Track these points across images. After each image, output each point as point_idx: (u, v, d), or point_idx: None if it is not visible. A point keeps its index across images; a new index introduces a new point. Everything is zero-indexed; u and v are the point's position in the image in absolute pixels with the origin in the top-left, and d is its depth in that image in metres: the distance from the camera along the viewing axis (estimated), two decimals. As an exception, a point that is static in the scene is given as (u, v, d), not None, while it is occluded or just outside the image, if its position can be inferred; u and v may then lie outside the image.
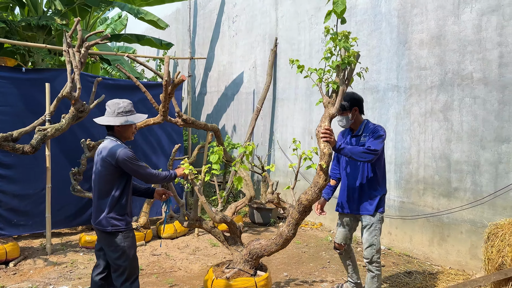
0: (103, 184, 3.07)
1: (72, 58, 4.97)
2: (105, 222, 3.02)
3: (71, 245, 5.47)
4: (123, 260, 3.03)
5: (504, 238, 3.66)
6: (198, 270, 4.71)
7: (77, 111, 5.02)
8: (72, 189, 5.20)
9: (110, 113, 3.12)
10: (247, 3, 8.34)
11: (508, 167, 4.40)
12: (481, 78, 4.61)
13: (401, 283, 4.38)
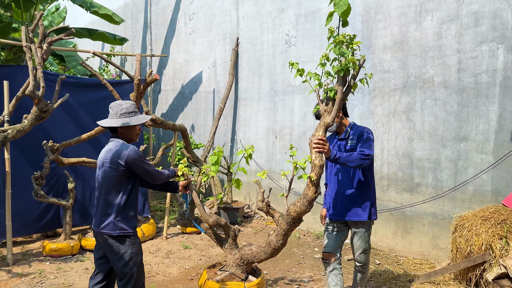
0: (110, 187, 2.93)
1: (34, 54, 4.66)
2: (112, 227, 2.89)
3: (33, 254, 5.12)
4: (130, 267, 2.91)
5: (471, 228, 4.02)
6: (177, 274, 4.64)
7: (40, 111, 4.72)
8: (35, 194, 4.86)
9: (113, 114, 3.00)
10: (205, 1, 8.27)
11: (466, 164, 4.82)
12: (441, 81, 4.99)
13: (374, 275, 4.63)
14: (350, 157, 3.23)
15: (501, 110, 4.54)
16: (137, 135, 3.17)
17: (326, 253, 3.50)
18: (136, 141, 3.21)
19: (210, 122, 8.19)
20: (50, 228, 5.93)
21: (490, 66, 4.60)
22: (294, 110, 6.68)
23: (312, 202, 3.14)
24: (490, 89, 4.61)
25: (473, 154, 4.76)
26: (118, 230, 2.90)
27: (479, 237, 3.93)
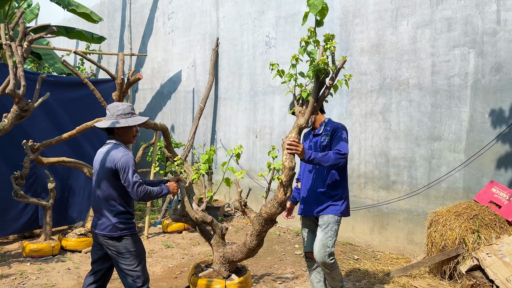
0: (107, 190, 2.95)
1: (14, 52, 4.60)
2: (113, 228, 2.92)
3: (12, 255, 5.04)
4: (135, 265, 2.93)
5: (445, 224, 4.24)
6: (161, 272, 4.68)
7: (21, 110, 4.66)
8: (15, 194, 4.79)
9: (110, 116, 3.03)
10: (185, 1, 8.28)
11: (439, 162, 5.06)
12: (416, 83, 5.22)
13: (353, 269, 4.81)
14: (325, 157, 3.21)
15: (472, 111, 4.80)
16: (134, 137, 3.19)
17: (307, 253, 3.56)
18: (133, 143, 3.24)
19: (190, 122, 8.21)
20: (28, 229, 5.84)
21: (462, 69, 4.85)
22: (274, 110, 6.80)
23: (282, 203, 3.13)
24: (462, 91, 4.86)
25: (446, 153, 5.01)
26: (119, 231, 2.92)
27: (453, 232, 4.15)
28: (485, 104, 4.72)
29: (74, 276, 4.45)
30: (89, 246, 5.26)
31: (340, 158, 3.25)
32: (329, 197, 3.45)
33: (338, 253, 5.37)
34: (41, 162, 5.20)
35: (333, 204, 3.44)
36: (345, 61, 3.18)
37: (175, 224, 6.13)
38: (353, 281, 4.46)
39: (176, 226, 6.13)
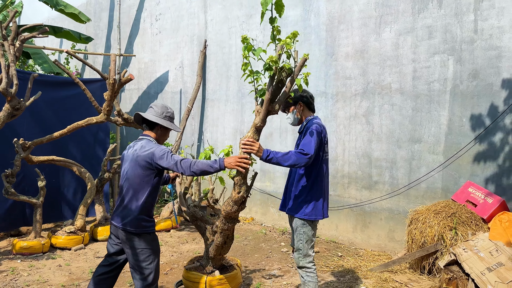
0: (139, 185, 3.02)
1: (7, 51, 4.64)
2: (135, 223, 3.00)
3: (1, 253, 5.05)
4: (149, 262, 3.03)
5: (425, 221, 4.48)
6: (152, 268, 4.77)
7: (13, 109, 4.70)
8: (5, 192, 4.82)
9: (158, 113, 3.13)
10: (173, 3, 8.38)
11: (419, 163, 5.31)
12: (398, 88, 5.46)
13: (337, 265, 5.00)
14: (285, 156, 3.15)
15: (451, 115, 5.06)
16: (165, 140, 3.33)
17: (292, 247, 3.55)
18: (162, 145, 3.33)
19: (177, 122, 8.30)
20: (14, 227, 5.85)
21: (442, 75, 5.11)
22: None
23: (238, 202, 3.17)
24: (441, 96, 5.12)
25: (426, 155, 5.26)
26: (141, 228, 3.02)
27: (432, 229, 4.38)
28: (462, 108, 4.98)
29: (65, 272, 4.51)
30: (78, 244, 5.32)
31: (301, 158, 3.16)
32: (295, 198, 3.44)
33: (323, 250, 5.57)
34: (31, 161, 5.24)
35: (298, 206, 3.41)
36: (306, 59, 3.04)
37: (163, 223, 6.22)
38: (337, 276, 4.66)
39: (164, 224, 6.22)
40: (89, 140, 6.87)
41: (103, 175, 5.94)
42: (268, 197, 6.90)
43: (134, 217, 3.01)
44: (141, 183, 3.01)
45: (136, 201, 3.02)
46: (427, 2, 5.20)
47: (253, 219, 7.09)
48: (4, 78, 4.56)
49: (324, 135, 3.43)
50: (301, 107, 3.51)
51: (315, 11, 6.27)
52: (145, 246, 3.03)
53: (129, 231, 3.01)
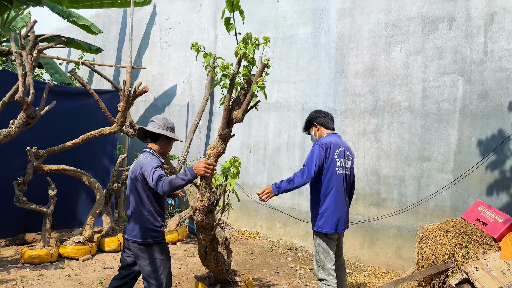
0: (139, 197, 3.09)
1: (25, 61, 4.70)
2: (145, 235, 3.05)
3: (10, 261, 5.03)
4: (160, 273, 3.05)
5: (436, 239, 4.48)
6: (161, 281, 4.75)
7: (28, 117, 4.74)
8: (17, 200, 4.82)
9: (160, 126, 3.20)
10: (183, 18, 8.51)
11: (428, 181, 5.35)
12: (407, 106, 5.54)
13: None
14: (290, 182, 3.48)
15: (460, 134, 5.12)
16: (169, 151, 3.41)
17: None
18: (166, 156, 3.41)
19: (183, 135, 8.35)
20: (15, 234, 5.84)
21: (451, 95, 5.19)
22: (269, 126, 7.02)
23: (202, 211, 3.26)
24: (450, 115, 5.19)
25: (435, 173, 5.30)
26: (149, 238, 3.05)
27: (442, 247, 4.39)
28: (472, 128, 5.05)
29: (75, 282, 4.48)
30: (86, 254, 5.30)
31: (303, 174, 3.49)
32: (311, 210, 3.73)
33: (330, 267, 5.55)
34: (42, 170, 5.25)
35: (313, 219, 3.67)
36: (266, 65, 3.14)
37: (170, 235, 6.20)
38: (347, 293, 4.64)
39: (170, 237, 6.20)
40: (97, 150, 6.89)
41: (111, 185, 5.95)
42: (273, 211, 6.91)
43: (141, 229, 3.06)
44: (141, 195, 3.09)
45: (141, 212, 3.08)
46: (438, 23, 5.32)
47: (258, 234, 7.08)
48: (21, 87, 4.61)
49: (331, 151, 3.63)
50: (317, 128, 3.85)
51: (325, 29, 6.39)
52: (156, 256, 3.07)
53: (139, 243, 3.05)
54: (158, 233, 3.12)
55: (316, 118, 3.88)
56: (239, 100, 3.36)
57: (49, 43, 4.91)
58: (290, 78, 6.78)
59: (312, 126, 3.90)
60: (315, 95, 6.47)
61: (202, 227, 3.39)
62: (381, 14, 5.80)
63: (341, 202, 3.65)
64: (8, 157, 5.57)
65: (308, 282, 4.96)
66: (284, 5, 6.91)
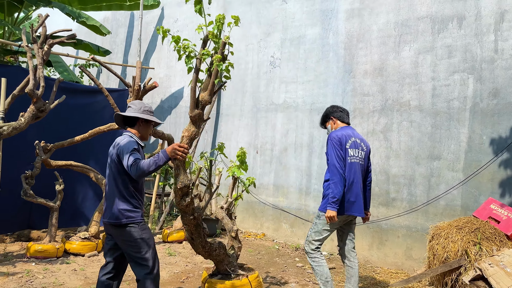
0: (116, 178, 3.08)
1: (36, 54, 4.72)
2: (119, 215, 3.02)
3: (15, 256, 4.98)
4: (145, 251, 3.02)
5: (447, 236, 4.42)
6: (168, 277, 4.69)
7: (38, 110, 4.74)
8: (24, 193, 4.80)
9: (136, 110, 3.18)
10: (191, 21, 8.56)
11: (438, 180, 5.30)
12: (417, 105, 5.51)
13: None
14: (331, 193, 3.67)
15: (471, 132, 5.09)
16: (149, 135, 3.38)
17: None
18: (147, 140, 3.39)
19: (189, 137, 8.32)
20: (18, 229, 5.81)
21: (461, 93, 5.17)
22: (276, 126, 7.00)
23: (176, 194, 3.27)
24: (461, 113, 5.16)
25: (445, 172, 5.25)
26: (125, 219, 3.02)
27: (455, 244, 4.33)
28: (482, 126, 5.01)
29: (81, 277, 4.43)
30: (92, 251, 5.25)
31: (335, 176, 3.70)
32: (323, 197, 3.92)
33: (339, 266, 5.48)
34: (49, 165, 5.23)
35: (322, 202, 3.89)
36: (225, 43, 3.17)
37: (176, 234, 6.15)
38: (357, 291, 4.56)
39: (176, 236, 6.15)
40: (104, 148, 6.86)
41: (118, 183, 5.91)
42: (280, 212, 6.85)
43: (117, 210, 3.03)
44: (116, 176, 3.07)
45: (117, 193, 3.06)
46: (447, 22, 5.32)
47: (265, 235, 7.01)
48: (31, 80, 4.62)
49: (345, 141, 3.83)
50: (334, 121, 4.08)
51: (333, 30, 6.40)
52: (135, 236, 3.02)
53: (115, 224, 3.03)
54: (133, 213, 3.07)
55: (333, 113, 4.10)
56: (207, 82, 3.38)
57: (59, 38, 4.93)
58: (297, 79, 6.78)
59: (329, 120, 4.11)
60: (323, 95, 6.45)
61: (182, 211, 3.40)
62: (390, 14, 5.81)
63: (353, 189, 3.78)
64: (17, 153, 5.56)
65: (317, 281, 4.88)
66: (293, 7, 6.94)
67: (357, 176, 3.81)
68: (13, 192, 5.33)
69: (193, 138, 3.31)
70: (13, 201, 5.51)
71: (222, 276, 3.85)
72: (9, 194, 5.33)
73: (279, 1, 7.12)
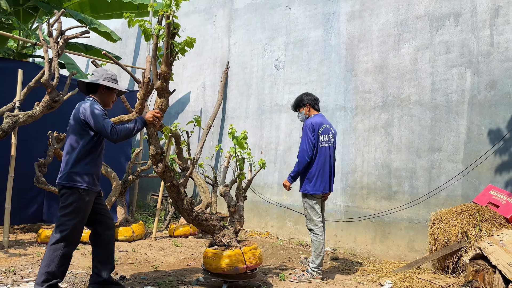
0: (72, 140, 3.21)
1: (52, 47, 4.96)
2: (66, 177, 3.12)
3: (27, 242, 5.12)
4: (69, 218, 3.12)
5: (448, 221, 4.52)
6: (174, 262, 4.80)
7: (52, 100, 4.95)
8: (36, 180, 4.97)
9: (98, 76, 3.38)
10: (198, 29, 8.87)
11: (439, 172, 5.41)
12: (417, 100, 5.68)
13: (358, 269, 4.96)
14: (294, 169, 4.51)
15: (469, 124, 5.23)
16: (112, 102, 3.55)
17: None
18: (110, 108, 3.56)
19: (196, 140, 8.51)
20: (32, 221, 5.95)
21: (460, 86, 5.34)
22: (281, 127, 7.17)
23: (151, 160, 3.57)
24: (459, 106, 5.32)
25: (445, 163, 5.37)
26: (71, 182, 3.12)
27: (455, 227, 4.42)
28: (481, 117, 5.16)
29: (90, 259, 4.54)
30: (100, 240, 5.36)
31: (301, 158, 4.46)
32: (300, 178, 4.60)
33: (342, 258, 5.54)
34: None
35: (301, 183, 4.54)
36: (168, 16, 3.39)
37: (182, 228, 6.26)
38: (359, 275, 4.63)
39: (182, 230, 6.25)
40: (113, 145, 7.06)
41: (127, 177, 6.07)
42: (285, 210, 6.94)
43: (66, 172, 3.15)
44: (74, 139, 3.20)
45: (70, 155, 3.17)
46: (444, 19, 5.54)
47: (269, 234, 7.08)
48: (46, 71, 4.85)
49: (318, 128, 4.45)
50: (309, 108, 4.68)
51: (335, 31, 6.64)
52: (71, 201, 3.11)
53: (61, 185, 3.14)
54: (81, 178, 3.15)
55: (309, 100, 4.69)
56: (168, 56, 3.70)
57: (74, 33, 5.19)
58: (301, 80, 6.99)
59: (304, 106, 4.70)
60: (326, 94, 6.64)
61: (161, 178, 3.65)
62: (389, 14, 6.05)
63: (325, 169, 4.45)
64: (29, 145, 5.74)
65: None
66: (296, 11, 7.22)
67: (327, 158, 4.48)
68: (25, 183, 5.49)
69: (162, 109, 3.59)
70: (25, 193, 5.67)
71: (217, 247, 3.94)
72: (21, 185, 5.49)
73: (283, 6, 7.41)
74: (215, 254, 3.81)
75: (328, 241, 6.33)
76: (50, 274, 3.05)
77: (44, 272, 3.04)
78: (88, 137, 3.21)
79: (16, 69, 5.38)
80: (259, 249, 4.01)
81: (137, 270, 4.23)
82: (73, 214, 3.12)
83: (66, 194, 3.13)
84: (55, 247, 3.07)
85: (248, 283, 4.02)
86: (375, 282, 4.34)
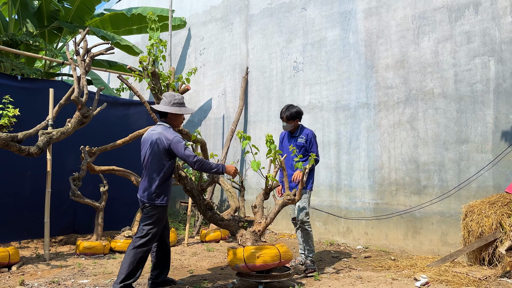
0: (157, 163, 3.61)
1: (79, 65, 5.16)
2: (151, 196, 3.61)
3: (66, 254, 5.32)
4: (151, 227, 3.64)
5: (481, 212, 4.47)
6: (208, 266, 4.89)
7: (82, 116, 5.14)
8: (72, 194, 5.16)
9: (167, 102, 3.61)
10: (216, 37, 9.01)
11: (468, 163, 5.34)
12: (440, 92, 5.63)
13: (391, 265, 4.94)
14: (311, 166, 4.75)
15: (496, 113, 5.15)
16: (180, 123, 3.90)
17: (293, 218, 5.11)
18: (179, 128, 3.87)
19: (220, 146, 8.63)
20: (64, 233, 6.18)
21: (484, 76, 5.27)
22: (304, 128, 7.20)
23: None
24: (485, 95, 5.25)
25: (474, 154, 5.30)
26: (155, 200, 3.64)
27: (489, 218, 4.37)
28: (508, 105, 5.08)
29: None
30: (135, 249, 5.51)
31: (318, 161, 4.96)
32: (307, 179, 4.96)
33: (374, 256, 5.53)
34: (93, 170, 5.59)
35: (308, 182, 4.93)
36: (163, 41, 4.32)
37: (213, 234, 6.36)
38: (393, 272, 4.62)
39: (213, 235, 6.36)
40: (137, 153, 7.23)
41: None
42: (313, 211, 6.95)
43: (152, 192, 3.65)
44: (162, 164, 3.62)
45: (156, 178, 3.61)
46: (463, 9, 5.49)
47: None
48: (76, 88, 5.05)
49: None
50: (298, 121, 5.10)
51: (353, 29, 6.66)
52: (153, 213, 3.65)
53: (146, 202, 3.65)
54: (162, 197, 3.68)
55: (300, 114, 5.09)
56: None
57: (99, 51, 5.38)
58: (321, 80, 7.02)
59: (299, 119, 5.10)
60: (347, 92, 6.65)
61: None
62: (407, 9, 6.03)
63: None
64: (60, 159, 5.94)
65: (353, 266, 4.97)
66: (312, 12, 7.26)
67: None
68: (59, 196, 5.70)
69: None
70: (59, 206, 5.88)
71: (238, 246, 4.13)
72: (55, 198, 5.70)
73: (299, 9, 7.47)
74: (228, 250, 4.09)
75: (359, 239, 6.33)
76: (130, 274, 3.53)
77: (125, 272, 3.50)
78: (169, 163, 3.68)
79: (45, 88, 5.61)
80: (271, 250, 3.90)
81: (174, 276, 4.34)
82: (154, 224, 3.63)
83: (149, 208, 3.65)
84: (135, 251, 3.55)
85: (283, 283, 4.07)
86: (410, 278, 4.33)
